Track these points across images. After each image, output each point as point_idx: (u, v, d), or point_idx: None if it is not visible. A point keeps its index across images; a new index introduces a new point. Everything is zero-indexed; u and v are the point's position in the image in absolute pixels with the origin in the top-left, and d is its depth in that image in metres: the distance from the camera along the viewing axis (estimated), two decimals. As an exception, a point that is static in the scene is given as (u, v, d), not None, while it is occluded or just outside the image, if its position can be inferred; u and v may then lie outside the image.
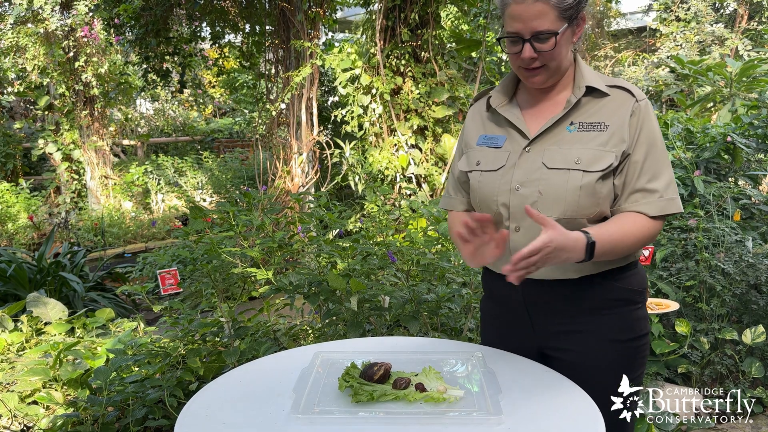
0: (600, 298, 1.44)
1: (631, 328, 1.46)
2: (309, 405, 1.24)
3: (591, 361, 1.45)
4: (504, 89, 1.53)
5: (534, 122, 1.47)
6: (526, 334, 1.53)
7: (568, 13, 1.35)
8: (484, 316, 1.69)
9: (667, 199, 1.39)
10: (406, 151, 6.20)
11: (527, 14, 1.33)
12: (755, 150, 4.03)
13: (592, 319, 1.45)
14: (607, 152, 1.37)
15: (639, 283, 1.49)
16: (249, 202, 3.06)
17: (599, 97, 1.42)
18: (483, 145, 1.52)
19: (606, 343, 1.45)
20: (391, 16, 6.15)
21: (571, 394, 1.32)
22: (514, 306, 1.53)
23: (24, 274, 4.17)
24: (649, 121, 1.40)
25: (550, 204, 1.38)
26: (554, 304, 1.47)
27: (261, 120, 7.61)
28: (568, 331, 1.47)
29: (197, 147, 11.73)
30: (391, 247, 2.87)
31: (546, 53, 1.36)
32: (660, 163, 1.40)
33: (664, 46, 10.18)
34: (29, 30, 7.39)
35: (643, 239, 1.39)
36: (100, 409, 2.35)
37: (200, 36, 7.86)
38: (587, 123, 1.41)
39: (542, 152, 1.42)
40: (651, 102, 10.04)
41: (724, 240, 3.21)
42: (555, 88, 1.47)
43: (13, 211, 7.89)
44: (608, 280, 1.44)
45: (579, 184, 1.36)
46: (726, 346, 2.99)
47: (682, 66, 6.60)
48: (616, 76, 10.75)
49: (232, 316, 2.71)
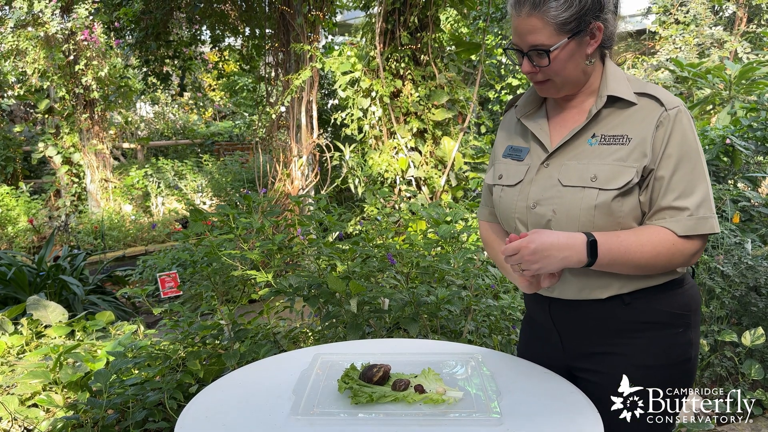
0: (630, 320, 1.34)
1: (666, 354, 1.34)
2: (308, 406, 1.24)
3: (616, 386, 1.34)
4: (532, 95, 1.46)
5: (558, 133, 1.39)
6: (556, 354, 1.47)
7: (569, 27, 1.26)
8: (522, 331, 1.66)
9: (697, 218, 1.25)
10: (405, 153, 6.20)
11: (522, 28, 1.28)
12: (754, 152, 4.04)
13: (621, 341, 1.35)
14: (627, 168, 1.26)
15: (683, 305, 1.35)
16: (249, 205, 3.07)
17: (624, 107, 1.32)
18: (508, 157, 1.46)
19: (636, 367, 1.33)
20: (391, 20, 6.16)
21: (570, 395, 1.32)
22: (544, 324, 1.48)
23: (24, 278, 4.17)
24: (679, 131, 1.26)
25: (563, 224, 1.31)
26: (582, 325, 1.40)
27: (261, 123, 7.62)
28: (596, 352, 1.39)
29: (197, 150, 11.75)
30: (390, 250, 2.87)
31: (545, 68, 1.30)
32: (693, 178, 1.26)
33: (664, 49, 10.21)
34: (29, 33, 7.41)
35: (666, 255, 1.26)
36: (100, 412, 2.35)
37: (200, 39, 7.88)
38: (609, 135, 1.31)
39: (560, 167, 1.34)
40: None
41: (723, 242, 3.21)
42: (579, 96, 1.39)
43: (13, 214, 7.90)
44: (641, 301, 1.33)
45: (594, 203, 1.27)
46: (725, 348, 2.99)
47: (682, 69, 6.62)
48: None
49: (231, 318, 2.71)
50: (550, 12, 1.24)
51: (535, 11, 1.25)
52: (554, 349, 1.47)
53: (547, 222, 1.33)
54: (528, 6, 1.25)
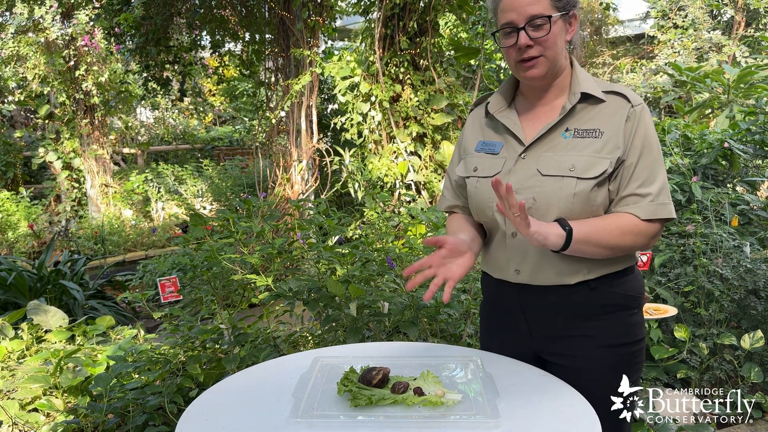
0: (596, 304, 1.44)
1: (627, 334, 1.46)
2: (308, 409, 1.25)
3: (588, 366, 1.45)
4: (502, 95, 1.55)
5: (530, 128, 1.47)
6: (524, 339, 1.54)
7: (562, 2, 1.37)
8: (482, 321, 1.70)
9: (658, 204, 1.38)
10: (405, 158, 6.22)
11: (521, 1, 1.35)
12: (752, 156, 4.05)
13: (589, 325, 1.45)
14: (602, 159, 1.37)
15: (635, 289, 1.49)
16: (249, 210, 3.08)
17: (595, 104, 1.43)
18: (481, 151, 1.53)
19: (602, 348, 1.45)
20: (390, 25, 6.18)
21: (569, 398, 1.33)
22: (511, 311, 1.54)
23: (24, 283, 4.18)
24: (643, 125, 1.39)
25: (543, 211, 1.39)
26: (551, 310, 1.47)
27: (261, 128, 7.63)
28: (564, 336, 1.47)
29: (197, 155, 11.77)
30: (390, 254, 2.88)
31: (541, 40, 1.37)
32: (654, 167, 1.39)
33: (662, 53, 10.23)
34: (30, 39, 7.43)
35: (631, 236, 1.37)
36: (101, 416, 2.36)
37: (200, 45, 7.89)
38: (582, 129, 1.41)
39: (537, 159, 1.42)
40: (650, 108, 10.09)
41: (722, 245, 3.22)
42: (551, 93, 1.47)
43: (14, 219, 7.91)
44: (604, 286, 1.44)
45: (573, 192, 1.36)
46: (725, 351, 2.99)
47: (680, 73, 6.63)
48: (615, 82, 10.80)
49: (231, 322, 2.72)
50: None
51: None
52: (522, 336, 1.54)
53: (527, 210, 1.37)
54: None
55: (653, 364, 2.99)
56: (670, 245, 3.40)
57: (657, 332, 3.01)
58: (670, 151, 4.09)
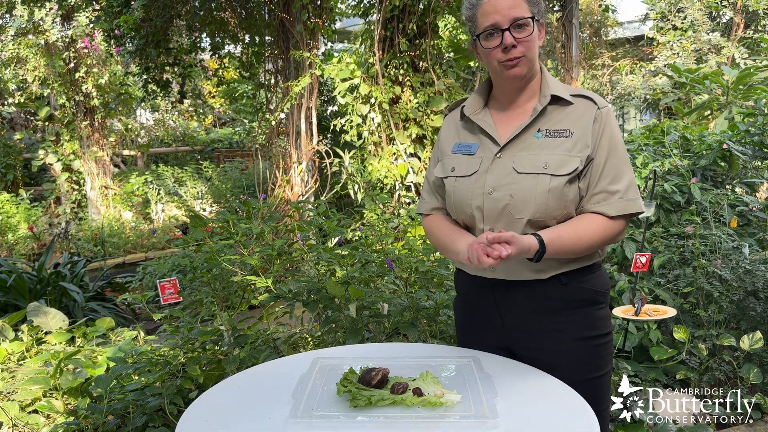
0: (567, 299, 1.52)
1: (596, 327, 1.54)
2: (307, 410, 1.25)
3: (560, 359, 1.51)
4: (476, 99, 1.63)
5: (504, 129, 1.56)
6: (498, 334, 1.60)
7: (536, 9, 1.47)
8: (457, 318, 1.76)
9: (627, 200, 1.47)
10: (404, 159, 6.22)
11: (503, 5, 1.44)
12: (751, 157, 4.05)
13: (560, 319, 1.52)
14: (573, 157, 1.46)
15: (602, 284, 1.57)
16: (249, 211, 3.08)
17: (564, 106, 1.52)
18: (457, 152, 1.61)
19: (573, 341, 1.52)
20: (390, 27, 6.19)
21: (568, 398, 1.33)
22: (486, 307, 1.60)
23: (24, 285, 4.18)
24: (610, 126, 1.49)
25: (520, 207, 1.46)
26: (524, 305, 1.54)
27: (261, 130, 7.64)
28: (537, 330, 1.54)
29: (197, 157, 11.77)
30: (389, 255, 2.88)
31: (524, 40, 1.45)
32: (621, 165, 1.48)
33: (661, 55, 10.24)
34: (30, 41, 7.44)
35: (598, 239, 1.46)
36: (101, 418, 2.36)
37: (200, 47, 7.90)
38: (553, 130, 1.50)
39: (512, 158, 1.50)
40: (649, 109, 10.08)
41: (721, 247, 3.22)
42: (523, 96, 1.56)
43: (14, 221, 7.91)
44: (574, 281, 1.51)
45: (547, 188, 1.45)
46: (724, 352, 2.99)
47: (679, 74, 6.64)
48: (615, 84, 10.81)
49: (231, 324, 2.72)
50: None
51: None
52: (496, 331, 1.61)
53: (504, 206, 1.48)
54: None
55: (653, 365, 2.99)
56: (669, 246, 3.41)
57: (656, 333, 3.01)
58: (669, 153, 4.09)
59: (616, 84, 10.72)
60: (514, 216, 1.47)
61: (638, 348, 3.10)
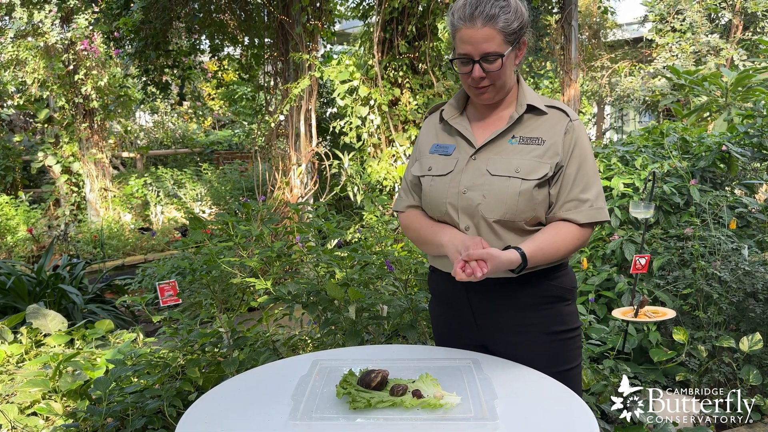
0: (537, 296, 1.59)
1: (565, 322, 1.62)
2: (307, 412, 1.25)
3: (531, 353, 1.58)
4: (456, 104, 1.69)
5: (481, 134, 1.62)
6: (471, 332, 1.67)
7: (512, 38, 1.50)
8: (433, 318, 1.81)
9: (596, 209, 1.55)
10: (404, 161, 6.22)
11: (476, 38, 1.47)
12: (750, 159, 4.05)
13: (531, 315, 1.60)
14: (543, 163, 1.53)
15: (570, 282, 1.65)
16: (248, 213, 3.08)
17: (539, 115, 1.59)
18: (435, 152, 1.67)
19: (544, 336, 1.60)
20: (389, 29, 6.20)
21: (567, 399, 1.33)
22: (458, 305, 1.67)
23: (23, 287, 4.18)
24: (581, 138, 1.56)
25: (492, 207, 1.53)
26: (496, 302, 1.61)
27: (260, 132, 7.64)
28: (508, 326, 1.61)
29: (196, 159, 11.76)
30: (389, 257, 2.88)
31: (493, 73, 1.51)
32: (590, 176, 1.56)
33: (660, 57, 10.25)
34: (29, 43, 7.45)
35: (572, 246, 1.55)
36: (100, 420, 2.36)
37: (199, 49, 7.91)
38: (527, 137, 1.57)
39: (487, 160, 1.57)
40: (648, 111, 10.08)
41: (720, 248, 3.23)
42: (500, 105, 1.63)
43: (13, 223, 7.90)
44: (543, 280, 1.59)
45: (518, 190, 1.52)
46: (723, 353, 2.99)
47: (678, 76, 6.65)
48: (614, 86, 10.82)
49: (231, 326, 2.72)
50: (501, 24, 1.47)
51: (489, 23, 1.46)
52: (469, 329, 1.68)
53: (477, 205, 1.55)
54: (482, 19, 1.46)
55: (652, 367, 2.99)
56: (668, 248, 3.41)
57: (656, 335, 3.01)
58: (668, 154, 4.10)
59: (615, 86, 10.74)
60: (484, 215, 1.53)
61: (638, 350, 3.10)
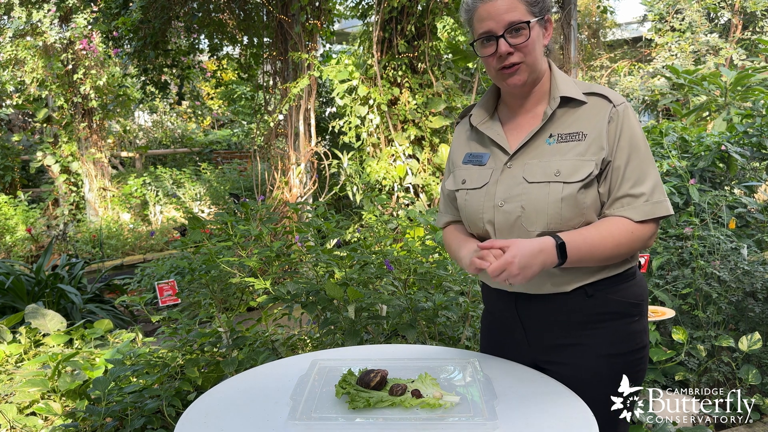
0: (593, 312, 1.42)
1: (626, 342, 1.43)
2: (306, 411, 1.25)
3: (584, 375, 1.42)
4: (484, 106, 1.55)
5: (514, 137, 1.47)
6: (522, 347, 1.53)
7: (537, 8, 1.38)
8: (482, 330, 1.70)
9: (653, 203, 1.37)
10: (403, 161, 6.22)
11: (498, 9, 1.36)
12: (750, 158, 4.06)
13: (586, 333, 1.43)
14: (586, 161, 1.36)
15: (636, 295, 1.45)
16: (247, 213, 3.08)
17: (576, 107, 1.41)
18: (468, 163, 1.53)
19: (600, 357, 1.42)
20: (388, 28, 6.20)
21: (566, 400, 1.33)
22: (509, 320, 1.53)
23: (22, 286, 4.17)
24: (628, 125, 1.38)
25: (533, 218, 1.38)
26: (547, 318, 1.46)
27: (259, 131, 7.64)
28: (561, 344, 1.46)
29: (195, 158, 11.76)
30: (388, 256, 2.88)
31: (521, 46, 1.37)
32: (644, 166, 1.37)
33: (660, 56, 10.26)
34: (28, 43, 7.44)
35: (627, 243, 1.36)
36: (99, 420, 2.35)
37: (198, 48, 7.91)
38: (565, 134, 1.40)
39: (523, 167, 1.42)
40: (647, 111, 10.10)
41: (719, 248, 3.23)
42: (532, 99, 1.47)
43: (12, 223, 7.89)
44: (601, 293, 1.41)
45: (560, 196, 1.35)
46: (723, 353, 3.00)
47: (678, 75, 6.65)
48: (613, 85, 10.82)
49: (230, 326, 2.72)
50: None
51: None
52: (520, 344, 1.53)
53: (516, 218, 1.40)
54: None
55: (651, 367, 2.99)
56: (667, 248, 3.41)
57: (655, 335, 3.01)
58: (667, 154, 4.10)
59: (615, 85, 10.74)
60: (527, 228, 1.38)
61: (637, 349, 3.10)
